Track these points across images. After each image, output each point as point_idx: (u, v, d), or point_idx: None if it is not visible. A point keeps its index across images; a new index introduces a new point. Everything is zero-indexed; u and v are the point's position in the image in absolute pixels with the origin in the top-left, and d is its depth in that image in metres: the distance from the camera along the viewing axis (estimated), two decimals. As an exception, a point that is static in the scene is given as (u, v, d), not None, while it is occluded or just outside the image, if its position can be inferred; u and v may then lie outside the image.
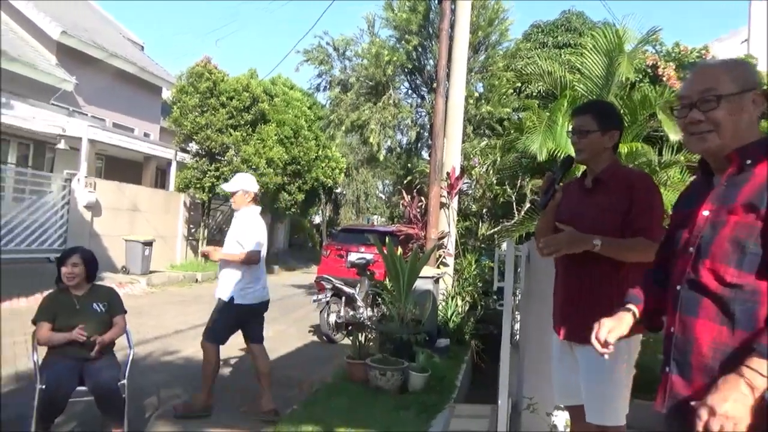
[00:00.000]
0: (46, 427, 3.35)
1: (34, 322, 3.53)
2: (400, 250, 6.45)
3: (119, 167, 16.09)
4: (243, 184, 4.48)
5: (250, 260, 4.27)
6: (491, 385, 5.83)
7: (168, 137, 17.41)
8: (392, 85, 10.60)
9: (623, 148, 6.45)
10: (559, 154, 7.04)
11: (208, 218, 15.32)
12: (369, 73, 10.48)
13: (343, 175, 20.86)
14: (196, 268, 14.01)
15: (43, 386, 3.24)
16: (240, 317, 4.36)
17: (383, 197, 31.20)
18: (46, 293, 3.81)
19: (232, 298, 4.26)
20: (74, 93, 15.01)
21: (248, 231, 4.35)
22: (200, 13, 70.97)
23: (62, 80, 14.56)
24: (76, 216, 11.69)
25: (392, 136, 10.84)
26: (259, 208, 4.59)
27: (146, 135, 17.58)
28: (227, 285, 4.30)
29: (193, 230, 15.38)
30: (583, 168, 2.61)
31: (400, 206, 9.37)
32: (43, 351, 3.55)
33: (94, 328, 3.54)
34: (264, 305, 4.49)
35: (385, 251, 5.86)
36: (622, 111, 6.66)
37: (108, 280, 9.96)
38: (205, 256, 4.71)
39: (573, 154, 2.61)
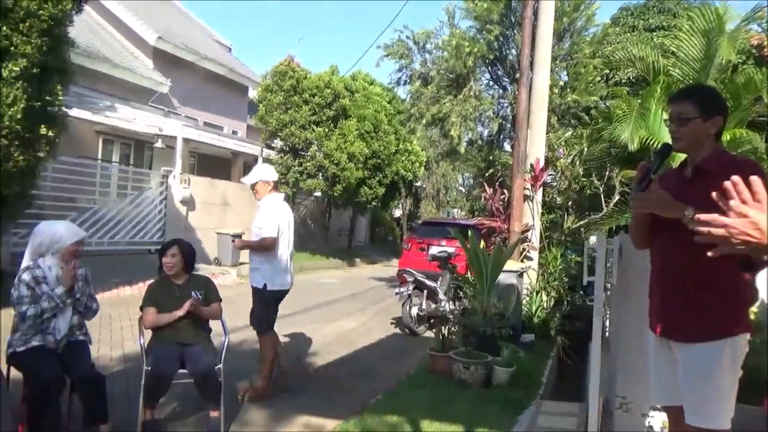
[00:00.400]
0: (151, 405, 3.61)
1: (141, 308, 3.79)
2: (482, 244, 6.38)
3: (210, 164, 16.93)
4: (261, 175, 4.60)
5: (265, 246, 4.36)
6: (578, 382, 5.68)
7: (254, 134, 18.11)
8: (473, 76, 10.47)
9: (725, 135, 6.02)
10: (651, 143, 6.69)
11: (292, 212, 15.80)
12: (449, 65, 10.40)
13: (423, 168, 20.84)
14: (281, 261, 14.50)
15: (149, 368, 3.49)
16: (276, 301, 4.49)
17: (463, 190, 30.94)
18: (148, 282, 4.12)
19: (265, 285, 4.38)
20: (169, 95, 15.94)
21: (265, 218, 4.45)
22: (283, 13, 73.09)
23: (159, 83, 15.50)
24: (173, 210, 12.43)
25: (473, 128, 10.72)
26: (281, 195, 4.69)
27: (234, 133, 18.39)
28: (258, 272, 4.43)
29: (278, 224, 15.90)
30: (680, 157, 2.46)
31: (482, 199, 9.26)
32: (148, 336, 3.82)
33: (193, 314, 3.77)
34: (286, 293, 4.58)
35: (467, 244, 5.81)
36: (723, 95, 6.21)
37: (202, 270, 10.53)
38: (237, 246, 4.87)
39: (669, 142, 2.47)
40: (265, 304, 4.43)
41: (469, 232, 6.32)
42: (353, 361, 6.05)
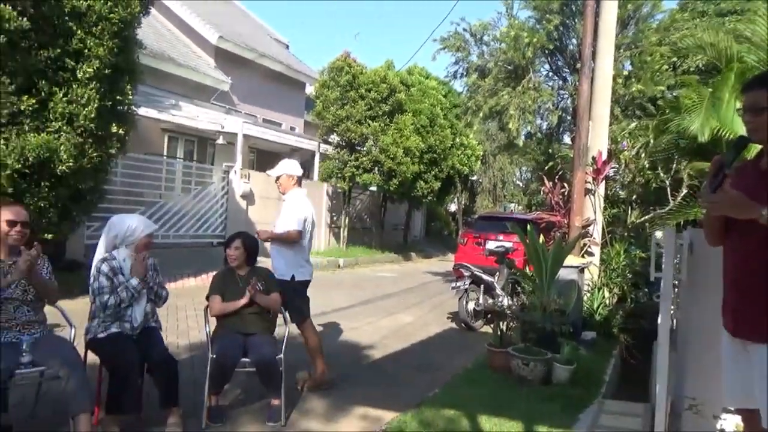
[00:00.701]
0: (216, 392, 3.74)
1: (207, 297, 3.94)
2: (541, 238, 6.25)
3: (268, 159, 17.30)
4: (286, 169, 4.70)
5: (291, 238, 4.46)
6: (642, 382, 5.49)
7: (311, 130, 18.39)
8: (532, 68, 10.25)
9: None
10: (724, 134, 6.35)
11: (349, 206, 15.98)
12: (507, 57, 10.23)
13: (479, 162, 20.61)
14: (338, 254, 14.71)
15: (214, 356, 3.62)
16: (305, 289, 4.59)
17: (521, 184, 30.40)
18: (211, 273, 4.28)
19: (293, 276, 4.46)
20: (230, 93, 16.39)
21: (291, 211, 4.57)
22: (340, 9, 73.77)
23: (220, 81, 15.97)
24: (234, 204, 12.80)
25: (532, 121, 10.50)
26: (304, 190, 4.77)
27: (292, 129, 18.74)
28: (284, 264, 4.52)
29: (335, 218, 16.14)
30: (755, 148, 2.32)
31: (541, 193, 9.07)
32: (213, 325, 3.96)
33: (255, 305, 3.89)
34: (310, 282, 4.67)
35: (526, 239, 5.71)
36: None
37: (261, 263, 10.80)
38: (261, 238, 4.95)
39: (743, 133, 2.33)
40: (296, 294, 4.49)
41: (528, 227, 6.20)
42: (410, 354, 6.07)
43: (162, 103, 12.17)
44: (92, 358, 3.43)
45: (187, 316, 6.82)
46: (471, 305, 7.54)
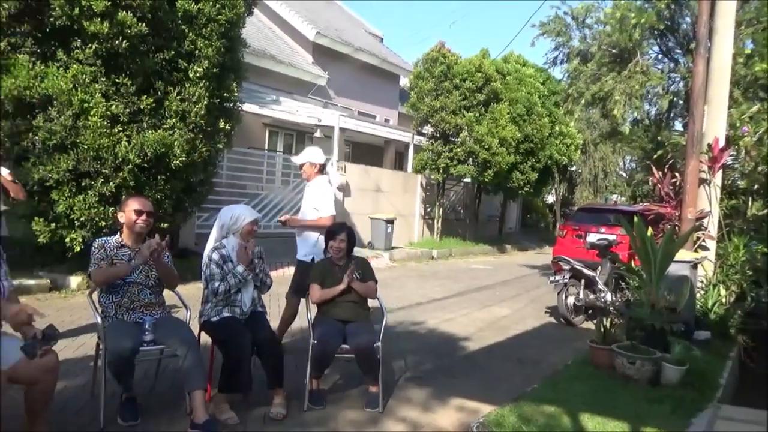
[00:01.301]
0: (317, 376, 3.88)
1: (308, 285, 4.08)
2: (649, 231, 5.88)
3: (363, 152, 17.61)
4: (309, 157, 4.80)
5: (324, 224, 4.54)
6: (764, 387, 5.04)
7: (405, 122, 18.48)
8: (639, 50, 9.64)
9: None
10: None
11: (443, 197, 15.91)
12: (612, 39, 9.69)
13: (578, 152, 19.77)
14: (432, 245, 14.71)
15: (315, 341, 3.75)
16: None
17: (624, 175, 28.86)
18: None
19: (312, 259, 4.57)
20: (326, 87, 16.82)
21: (322, 197, 4.70)
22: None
23: (317, 76, 16.43)
24: (331, 196, 13.13)
25: (639, 106, 9.90)
26: (326, 177, 4.84)
27: (386, 121, 18.93)
28: (307, 247, 4.67)
29: (428, 209, 16.14)
30: None
31: (648, 183, 8.53)
32: (314, 312, 4.09)
33: (352, 292, 3.98)
34: None
35: (633, 232, 5.40)
36: None
37: (356, 253, 11.04)
38: (283, 223, 4.99)
39: None
40: (306, 274, 4.43)
41: (635, 219, 5.86)
42: (506, 347, 5.95)
43: (263, 99, 12.72)
44: (204, 338, 3.66)
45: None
46: (571, 300, 7.27)
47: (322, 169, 4.95)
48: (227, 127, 7.77)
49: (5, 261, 3.00)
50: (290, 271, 9.59)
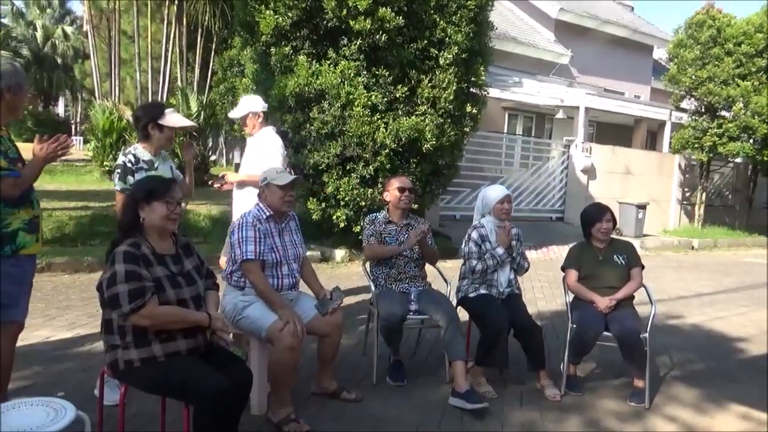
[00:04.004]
0: (575, 362, 3.74)
1: (563, 268, 3.94)
2: None
3: (609, 132, 16.41)
4: (249, 107, 4.12)
5: (255, 182, 3.61)
6: None
7: (659, 97, 16.69)
8: None
9: None
10: None
11: (706, 180, 13.99)
12: None
13: None
14: (691, 234, 13.10)
15: (575, 325, 3.61)
16: None
17: None
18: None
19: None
20: (569, 65, 16.03)
21: (267, 150, 4.08)
22: (691, -42, 64.16)
23: (559, 55, 15.77)
24: (574, 179, 12.56)
25: None
26: (272, 128, 4.19)
27: (637, 97, 17.30)
28: (246, 206, 3.67)
29: (687, 194, 14.37)
30: None
31: None
32: (571, 296, 3.94)
33: (614, 277, 3.73)
34: None
35: None
36: None
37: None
38: (221, 185, 4.19)
39: None
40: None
41: None
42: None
43: (505, 82, 12.65)
44: (461, 313, 3.78)
45: (533, 287, 6.98)
46: None
47: (267, 120, 4.34)
48: (474, 111, 7.91)
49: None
50: (530, 254, 9.45)
